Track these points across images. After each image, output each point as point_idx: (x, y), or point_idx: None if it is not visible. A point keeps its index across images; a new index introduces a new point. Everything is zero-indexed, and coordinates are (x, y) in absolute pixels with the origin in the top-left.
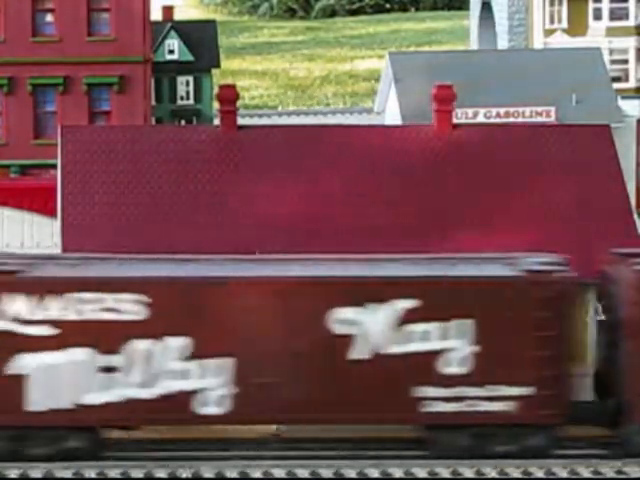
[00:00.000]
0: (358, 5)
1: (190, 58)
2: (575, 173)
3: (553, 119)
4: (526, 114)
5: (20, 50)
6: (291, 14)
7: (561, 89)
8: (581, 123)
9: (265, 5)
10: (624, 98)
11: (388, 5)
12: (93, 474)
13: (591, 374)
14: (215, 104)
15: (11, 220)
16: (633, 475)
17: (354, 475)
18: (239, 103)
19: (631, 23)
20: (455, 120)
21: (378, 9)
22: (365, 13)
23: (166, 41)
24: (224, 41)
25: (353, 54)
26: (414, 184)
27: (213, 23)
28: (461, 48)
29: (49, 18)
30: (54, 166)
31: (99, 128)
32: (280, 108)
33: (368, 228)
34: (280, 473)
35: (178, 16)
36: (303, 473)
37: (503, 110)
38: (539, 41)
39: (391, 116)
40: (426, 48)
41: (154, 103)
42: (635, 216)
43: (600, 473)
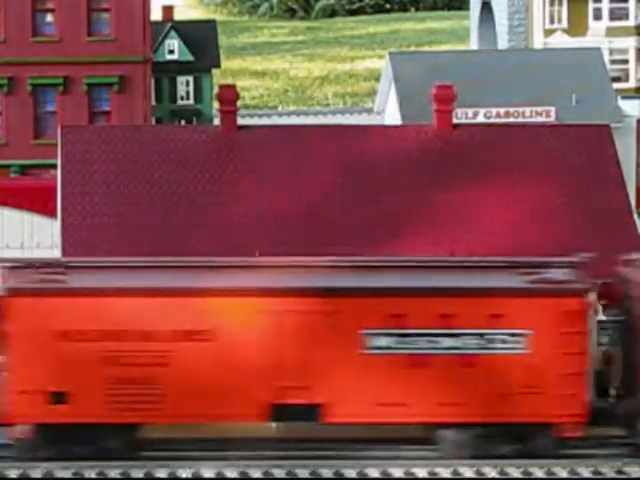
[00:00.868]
0: (358, 5)
1: (190, 58)
2: (575, 173)
3: (553, 119)
4: (526, 114)
5: (20, 50)
6: (291, 14)
7: (561, 89)
8: (581, 123)
9: (265, 5)
10: (624, 98)
11: (388, 5)
12: (93, 474)
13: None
14: (215, 104)
15: (11, 220)
16: (633, 475)
17: (354, 475)
18: (239, 103)
19: (631, 23)
20: (455, 120)
21: (378, 9)
22: (365, 13)
23: (166, 41)
24: (224, 41)
25: (353, 54)
26: (414, 184)
27: (213, 23)
28: (461, 48)
29: (49, 18)
30: (54, 166)
31: (99, 128)
32: (280, 108)
33: (368, 228)
34: (280, 473)
35: (178, 16)
36: (303, 473)
37: (503, 110)
38: (539, 41)
39: (391, 116)
40: (426, 48)
41: (154, 103)
42: (635, 216)
43: (600, 473)
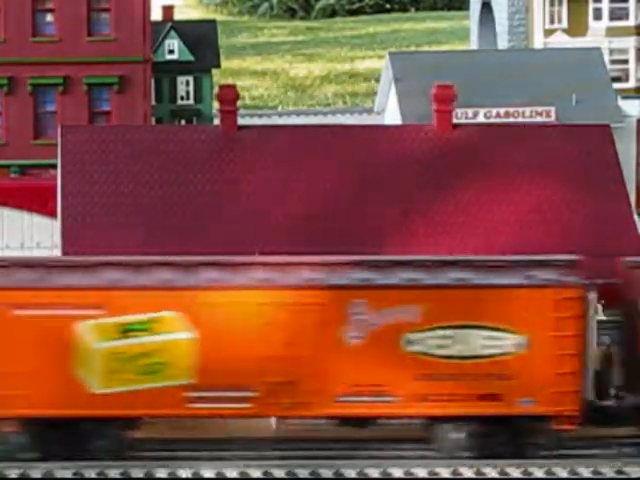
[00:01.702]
0: (358, 5)
1: (190, 58)
2: (575, 173)
3: (553, 119)
4: (526, 114)
5: (20, 50)
6: (291, 14)
7: (561, 89)
8: (581, 123)
9: (265, 5)
10: (624, 98)
11: (388, 5)
12: (93, 474)
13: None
14: (215, 104)
15: (11, 220)
16: (633, 475)
17: (354, 475)
18: (239, 103)
19: (631, 23)
20: (455, 120)
21: (378, 9)
22: (365, 13)
23: (166, 41)
24: (224, 41)
25: (353, 54)
26: (414, 184)
27: (213, 23)
28: (461, 48)
29: (49, 18)
30: (54, 166)
31: (99, 128)
32: (280, 108)
33: (368, 228)
34: (280, 473)
35: (178, 16)
36: (303, 473)
37: (503, 110)
38: (539, 41)
39: (391, 116)
40: (426, 48)
41: (154, 103)
42: (635, 216)
43: (600, 473)
